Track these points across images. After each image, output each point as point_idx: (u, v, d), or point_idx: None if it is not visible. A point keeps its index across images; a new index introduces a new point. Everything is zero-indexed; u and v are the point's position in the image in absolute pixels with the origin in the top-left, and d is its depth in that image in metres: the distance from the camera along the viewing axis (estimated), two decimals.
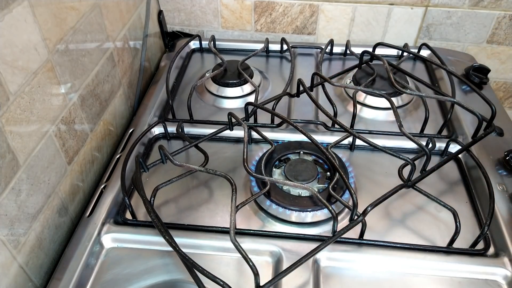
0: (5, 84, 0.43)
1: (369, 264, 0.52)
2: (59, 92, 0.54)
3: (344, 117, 0.71)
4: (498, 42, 0.89)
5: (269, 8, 0.89)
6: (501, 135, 0.65)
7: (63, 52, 0.54)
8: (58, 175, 0.55)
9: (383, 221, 0.56)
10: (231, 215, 0.46)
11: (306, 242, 0.53)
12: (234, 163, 0.65)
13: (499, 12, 0.84)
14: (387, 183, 0.59)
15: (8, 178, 0.45)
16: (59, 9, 0.53)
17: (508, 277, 0.50)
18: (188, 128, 0.69)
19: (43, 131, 0.51)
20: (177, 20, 0.94)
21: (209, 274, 0.43)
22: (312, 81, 0.69)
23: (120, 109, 0.74)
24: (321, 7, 0.88)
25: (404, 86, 0.70)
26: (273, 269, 0.51)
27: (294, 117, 0.71)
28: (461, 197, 0.59)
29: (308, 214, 0.55)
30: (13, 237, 0.47)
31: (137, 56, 0.80)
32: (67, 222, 0.59)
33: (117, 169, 0.62)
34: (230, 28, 0.94)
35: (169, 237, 0.47)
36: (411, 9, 0.86)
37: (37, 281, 0.52)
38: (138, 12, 0.79)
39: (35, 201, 0.51)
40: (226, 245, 0.51)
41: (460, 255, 0.52)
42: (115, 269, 0.51)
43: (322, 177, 0.59)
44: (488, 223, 0.51)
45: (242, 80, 0.76)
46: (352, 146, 0.66)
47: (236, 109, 0.74)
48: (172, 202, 0.59)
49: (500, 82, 0.96)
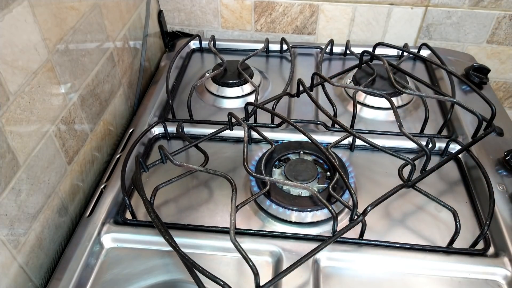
0: (5, 84, 0.43)
1: (369, 264, 0.52)
2: (59, 92, 0.54)
3: (344, 117, 0.71)
4: (498, 42, 0.89)
5: (269, 8, 0.89)
6: (501, 135, 0.65)
7: (63, 52, 0.54)
8: (58, 175, 0.55)
9: (383, 221, 0.56)
10: (231, 215, 0.46)
11: (306, 242, 0.53)
12: (234, 163, 0.65)
13: (499, 12, 0.84)
14: (387, 183, 0.59)
15: (8, 178, 0.45)
16: (59, 9, 0.53)
17: (508, 277, 0.50)
18: (188, 128, 0.69)
19: (43, 131, 0.51)
20: (177, 20, 0.94)
21: (209, 274, 0.43)
22: (312, 81, 0.69)
23: (120, 109, 0.74)
24: (321, 7, 0.88)
25: (404, 86, 0.70)
26: (273, 269, 0.51)
27: (294, 117, 0.71)
28: (461, 197, 0.59)
29: (308, 214, 0.55)
30: (13, 237, 0.47)
31: (137, 56, 0.80)
32: (67, 222, 0.59)
33: (117, 169, 0.62)
34: (230, 28, 0.94)
35: (169, 237, 0.47)
36: (411, 9, 0.86)
37: (37, 281, 0.52)
38: (138, 12, 0.79)
39: (35, 201, 0.51)
40: (226, 245, 0.51)
41: (460, 255, 0.52)
42: (115, 269, 0.51)
43: (322, 177, 0.59)
44: (488, 223, 0.51)
45: (242, 80, 0.76)
46: (352, 146, 0.66)
47: (236, 109, 0.74)
48: (172, 202, 0.59)
49: (500, 82, 0.96)
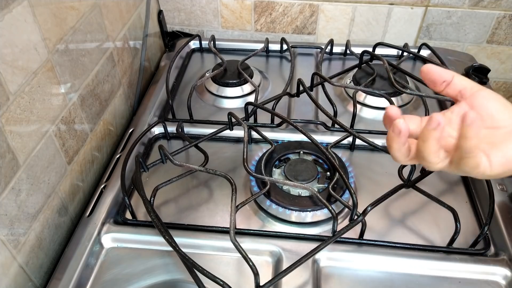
0: (5, 84, 0.43)
1: (369, 264, 0.52)
2: (59, 92, 0.54)
3: (344, 117, 0.71)
4: (498, 42, 0.89)
5: (269, 8, 0.89)
6: None
7: (63, 52, 0.54)
8: (58, 175, 0.55)
9: (383, 221, 0.56)
10: (231, 215, 0.46)
11: (306, 242, 0.53)
12: (234, 163, 0.65)
13: (499, 12, 0.84)
14: (387, 183, 0.59)
15: (8, 178, 0.45)
16: (59, 9, 0.53)
17: (508, 277, 0.50)
18: (188, 128, 0.69)
19: (43, 131, 0.51)
20: (177, 20, 0.94)
21: (209, 274, 0.43)
22: (312, 81, 0.69)
23: (120, 109, 0.74)
24: (321, 7, 0.88)
25: (404, 86, 0.70)
26: (273, 269, 0.51)
27: (294, 117, 0.71)
28: (461, 197, 0.59)
29: (308, 214, 0.55)
30: (13, 237, 0.47)
31: (137, 56, 0.80)
32: (67, 222, 0.59)
33: (117, 169, 0.62)
34: (230, 28, 0.94)
35: (169, 237, 0.47)
36: (411, 9, 0.86)
37: (37, 281, 0.52)
38: (138, 12, 0.79)
39: (35, 201, 0.50)
40: (226, 245, 0.51)
41: (460, 255, 0.52)
42: (115, 269, 0.51)
43: (322, 177, 0.59)
44: (488, 223, 0.51)
45: (242, 80, 0.76)
46: (352, 146, 0.66)
47: (236, 109, 0.74)
48: (172, 202, 0.59)
49: (500, 82, 0.96)
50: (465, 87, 0.36)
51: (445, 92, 0.38)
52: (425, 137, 0.32)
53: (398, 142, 0.33)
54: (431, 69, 0.37)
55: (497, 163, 0.33)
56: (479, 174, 0.33)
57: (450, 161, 0.33)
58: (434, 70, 0.37)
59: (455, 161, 0.33)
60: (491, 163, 0.32)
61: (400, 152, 0.34)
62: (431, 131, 0.31)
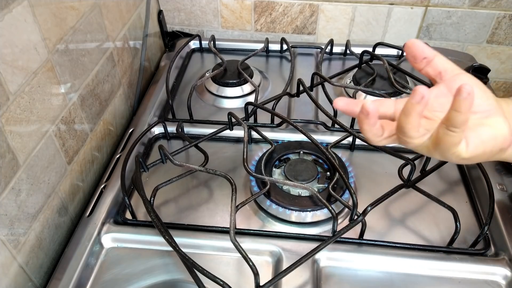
0: (5, 84, 0.43)
1: (369, 264, 0.52)
2: (59, 92, 0.54)
3: (344, 117, 0.71)
4: (498, 42, 0.89)
5: (269, 8, 0.89)
6: None
7: (63, 52, 0.54)
8: (58, 175, 0.55)
9: (383, 221, 0.56)
10: (231, 215, 0.46)
11: (306, 242, 0.53)
12: (234, 163, 0.65)
13: (499, 12, 0.84)
14: (387, 183, 0.59)
15: (8, 178, 0.45)
16: (59, 9, 0.53)
17: (508, 277, 0.50)
18: (188, 128, 0.69)
19: (43, 131, 0.51)
20: (177, 20, 0.94)
21: (209, 274, 0.43)
22: (312, 81, 0.69)
23: (120, 109, 0.74)
24: (321, 7, 0.88)
25: (404, 86, 0.70)
26: (273, 269, 0.51)
27: (294, 117, 0.71)
28: (461, 197, 0.60)
29: (308, 214, 0.55)
30: (13, 237, 0.47)
31: (137, 56, 0.80)
32: (67, 222, 0.59)
33: (117, 169, 0.62)
34: (230, 28, 0.94)
35: (169, 237, 0.47)
36: (411, 9, 0.86)
37: (37, 281, 0.52)
38: (138, 12, 0.79)
39: (35, 201, 0.50)
40: (226, 245, 0.51)
41: (460, 255, 0.52)
42: (115, 269, 0.51)
43: (322, 177, 0.59)
44: (488, 223, 0.52)
45: (242, 80, 0.76)
46: (352, 146, 0.66)
47: (236, 109, 0.74)
48: (172, 202, 0.59)
49: (500, 82, 0.96)
50: (446, 69, 0.37)
51: (425, 71, 0.38)
52: (408, 111, 0.32)
53: (367, 123, 0.34)
54: (415, 43, 0.37)
55: (472, 145, 0.33)
56: (454, 155, 0.33)
57: (431, 137, 0.34)
58: (417, 45, 0.37)
59: (438, 137, 0.33)
60: (468, 145, 0.33)
61: (371, 133, 0.35)
62: (414, 105, 0.31)
